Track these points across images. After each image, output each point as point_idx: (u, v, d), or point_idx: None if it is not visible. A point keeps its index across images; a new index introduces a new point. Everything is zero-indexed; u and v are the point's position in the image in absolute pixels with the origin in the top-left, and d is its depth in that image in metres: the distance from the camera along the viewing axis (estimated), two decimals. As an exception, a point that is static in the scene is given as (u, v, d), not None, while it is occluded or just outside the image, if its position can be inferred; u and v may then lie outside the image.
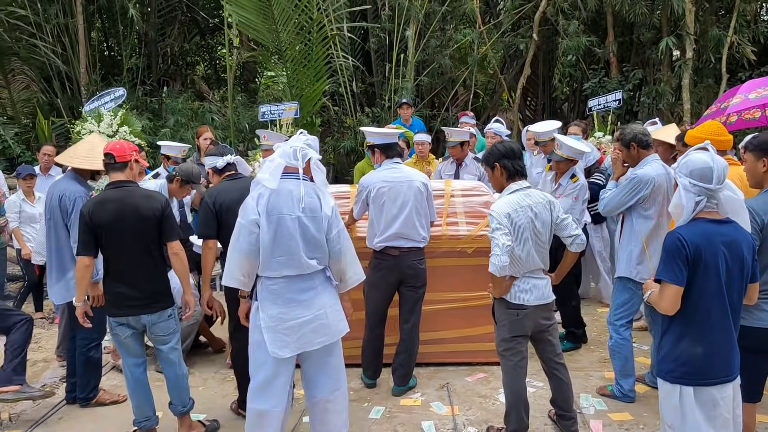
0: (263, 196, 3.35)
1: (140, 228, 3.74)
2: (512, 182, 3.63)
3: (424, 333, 4.88)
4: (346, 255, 3.50)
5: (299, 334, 3.37)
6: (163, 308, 3.84)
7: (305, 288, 3.39)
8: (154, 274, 3.82)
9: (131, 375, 3.90)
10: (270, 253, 3.33)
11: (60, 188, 4.33)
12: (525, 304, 3.58)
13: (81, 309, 3.86)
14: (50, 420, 4.35)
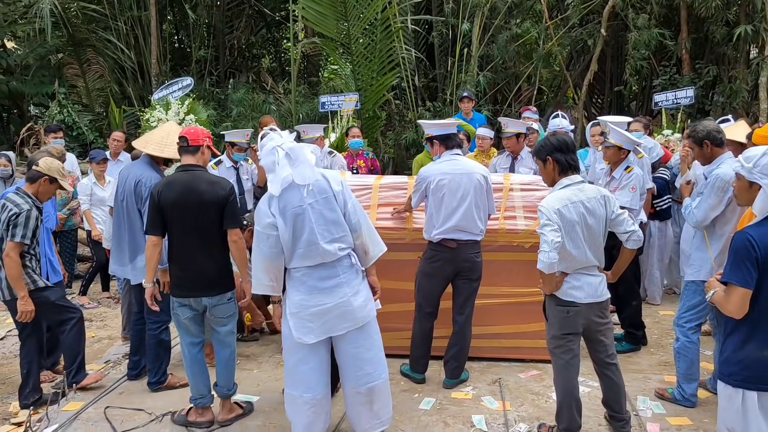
0: (273, 197, 3.45)
1: (203, 212, 3.82)
2: (564, 177, 3.54)
3: (478, 327, 4.84)
4: (364, 226, 3.56)
5: (323, 321, 3.44)
6: (223, 291, 3.93)
7: (327, 276, 3.45)
8: (216, 258, 3.90)
9: (189, 354, 4.01)
10: (292, 248, 3.43)
11: (136, 173, 4.41)
12: (576, 302, 3.49)
13: (150, 291, 3.97)
14: (111, 393, 4.53)
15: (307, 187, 3.42)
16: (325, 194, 3.45)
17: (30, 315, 4.29)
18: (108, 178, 7.07)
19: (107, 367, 5.08)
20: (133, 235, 4.42)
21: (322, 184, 3.46)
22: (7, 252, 4.19)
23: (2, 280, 4.32)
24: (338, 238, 3.44)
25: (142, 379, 4.67)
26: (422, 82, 12.00)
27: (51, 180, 4.43)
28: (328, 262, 3.43)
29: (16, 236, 4.19)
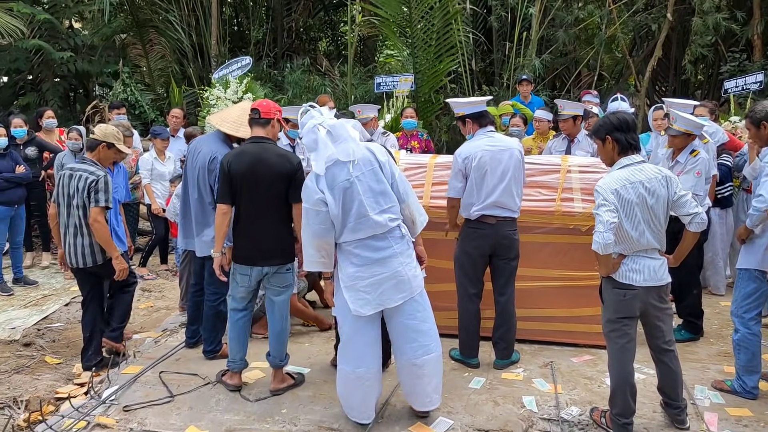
0: (320, 176, 3.47)
1: (270, 183, 3.89)
2: (624, 156, 3.45)
3: (530, 310, 4.82)
4: (411, 196, 3.59)
5: (379, 291, 3.47)
6: (284, 262, 4.01)
7: (380, 247, 3.47)
8: (280, 229, 3.98)
9: (233, 318, 4.14)
10: (342, 222, 3.46)
11: (211, 149, 4.45)
12: (634, 285, 3.40)
13: (218, 261, 4.07)
14: (169, 359, 4.68)
15: (352, 162, 3.43)
16: (371, 166, 3.46)
17: (126, 272, 4.58)
18: (168, 154, 7.26)
19: (164, 335, 5.24)
20: (203, 209, 4.49)
21: (367, 156, 3.47)
22: (94, 217, 4.37)
23: (86, 247, 4.48)
24: (387, 209, 3.46)
25: (198, 347, 4.81)
26: (479, 67, 11.86)
27: (109, 145, 4.57)
28: (379, 233, 3.45)
29: (100, 201, 4.38)
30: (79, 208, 4.43)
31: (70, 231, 4.49)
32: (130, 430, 3.67)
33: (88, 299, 4.65)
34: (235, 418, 3.81)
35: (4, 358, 4.99)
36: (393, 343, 3.63)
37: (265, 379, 4.30)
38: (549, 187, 4.86)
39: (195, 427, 3.69)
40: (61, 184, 4.51)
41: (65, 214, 4.50)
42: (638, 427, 3.61)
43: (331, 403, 3.96)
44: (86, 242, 4.48)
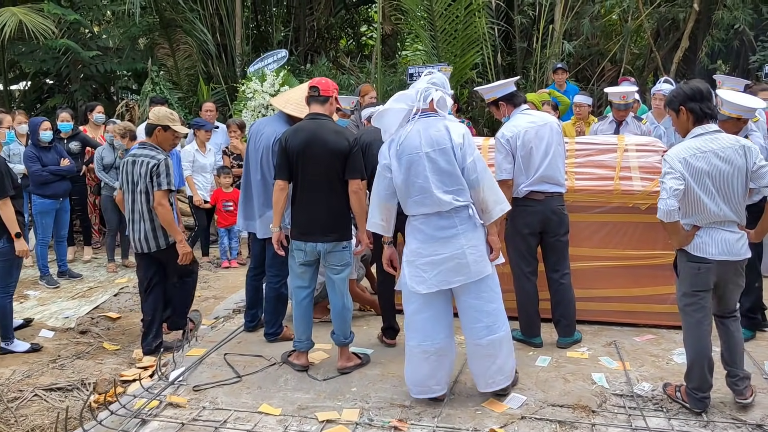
0: (394, 140, 3.49)
1: (325, 159, 3.90)
2: (698, 126, 3.39)
3: (588, 290, 4.80)
4: (483, 183, 3.46)
5: (436, 271, 3.45)
6: (340, 239, 4.00)
7: (444, 226, 3.45)
8: (334, 206, 3.97)
9: (296, 297, 4.14)
10: (405, 193, 3.47)
11: (275, 129, 4.45)
12: (707, 258, 3.34)
13: (277, 236, 4.10)
14: (230, 342, 4.69)
15: (426, 135, 3.42)
16: (443, 145, 3.41)
17: (190, 256, 4.64)
18: (208, 146, 7.29)
19: (218, 322, 5.25)
20: (266, 189, 4.48)
21: (442, 135, 3.43)
22: (158, 201, 4.43)
23: (149, 232, 4.53)
24: (453, 190, 3.42)
25: (258, 331, 4.81)
26: (506, 61, 11.84)
27: (164, 128, 4.59)
28: (444, 211, 3.43)
29: (162, 184, 4.43)
30: (142, 193, 4.49)
31: (135, 217, 4.55)
32: (202, 408, 3.66)
33: (151, 285, 4.68)
34: (306, 396, 3.80)
35: (62, 345, 5.00)
36: (461, 321, 3.61)
37: (330, 360, 4.30)
38: (606, 167, 4.84)
39: (268, 405, 3.68)
40: (124, 171, 4.56)
41: (130, 200, 4.55)
42: (715, 401, 3.57)
43: (400, 381, 3.93)
44: (149, 227, 4.52)
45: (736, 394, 3.52)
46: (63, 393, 4.13)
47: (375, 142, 4.34)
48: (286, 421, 3.50)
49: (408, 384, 3.70)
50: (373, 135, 4.39)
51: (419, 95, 3.48)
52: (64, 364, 4.58)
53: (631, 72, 13.16)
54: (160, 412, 3.62)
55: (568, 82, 8.26)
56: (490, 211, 3.53)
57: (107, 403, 3.83)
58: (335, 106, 4.13)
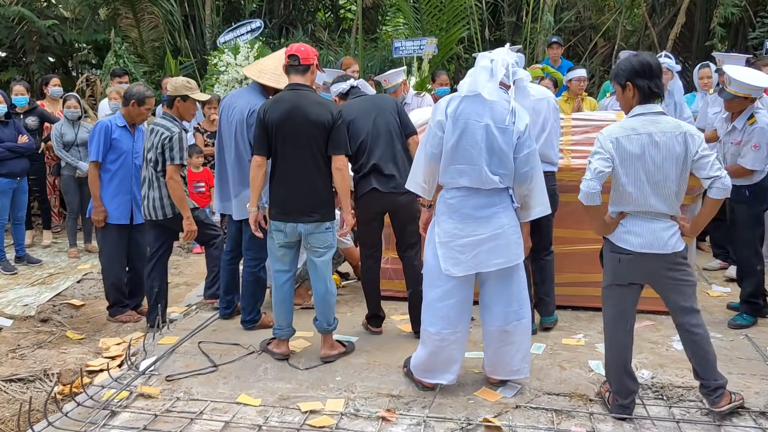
0: (455, 99, 3.43)
1: (307, 133, 3.88)
2: (642, 105, 3.27)
3: (584, 275, 4.85)
4: (534, 180, 3.48)
5: (474, 253, 3.42)
6: (323, 219, 3.98)
7: (484, 204, 3.42)
8: (317, 184, 3.95)
9: (276, 282, 4.12)
10: (450, 158, 3.41)
11: (249, 101, 4.44)
12: (628, 249, 3.26)
13: (254, 216, 4.07)
14: (205, 330, 4.66)
15: (490, 107, 3.37)
16: (505, 126, 3.38)
17: (194, 234, 4.79)
18: (182, 125, 7.21)
19: (188, 310, 5.21)
20: (241, 167, 4.45)
21: (507, 115, 3.38)
22: (170, 175, 4.60)
23: (157, 200, 4.73)
24: (500, 173, 3.40)
25: (234, 318, 4.79)
26: (494, 36, 11.83)
27: (183, 98, 4.70)
28: (485, 189, 3.41)
29: (174, 159, 4.60)
30: (151, 161, 4.68)
31: (145, 183, 4.77)
32: (176, 399, 3.62)
33: (158, 254, 4.89)
34: (288, 386, 3.78)
35: (22, 333, 4.94)
36: (484, 306, 3.60)
37: (312, 348, 4.28)
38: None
39: (246, 395, 3.65)
40: (144, 137, 4.88)
41: (143, 166, 4.82)
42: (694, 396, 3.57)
43: (387, 370, 3.94)
44: (156, 195, 4.71)
45: (709, 404, 3.38)
46: (24, 384, 4.08)
47: (360, 118, 4.35)
48: (266, 411, 3.48)
49: (414, 366, 3.70)
50: (358, 109, 4.39)
51: (508, 67, 3.44)
52: (24, 353, 4.51)
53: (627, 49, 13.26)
54: (131, 403, 3.58)
55: (562, 58, 8.28)
56: (529, 210, 3.58)
57: (73, 395, 3.77)
58: (316, 75, 4.10)
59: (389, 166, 4.27)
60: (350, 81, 4.69)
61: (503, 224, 3.43)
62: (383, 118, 4.37)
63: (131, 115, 5.03)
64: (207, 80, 9.06)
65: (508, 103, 3.41)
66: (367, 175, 4.29)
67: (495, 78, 3.41)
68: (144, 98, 4.97)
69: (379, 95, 5.06)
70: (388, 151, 4.30)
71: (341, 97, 4.66)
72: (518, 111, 3.42)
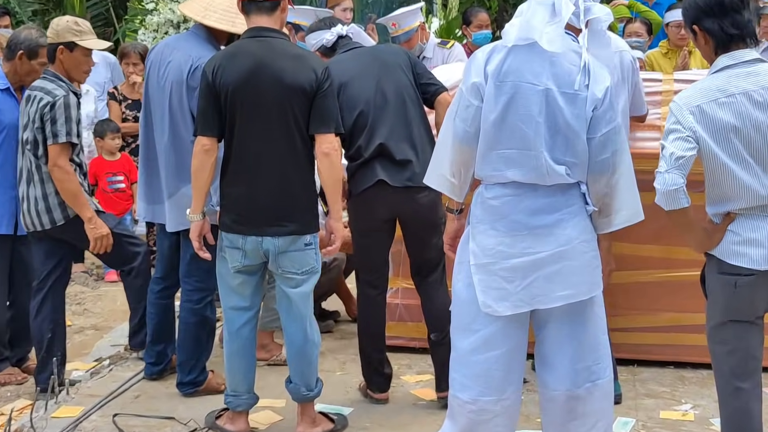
0: (498, 51, 3.31)
1: (279, 102, 3.86)
2: (724, 54, 3.28)
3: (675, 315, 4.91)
4: (619, 171, 3.35)
5: (528, 281, 3.32)
6: (300, 232, 3.94)
7: (544, 208, 3.31)
8: (293, 177, 3.94)
9: (229, 326, 4.13)
10: (493, 139, 3.29)
11: (191, 54, 4.40)
12: (746, 267, 3.21)
13: (197, 228, 4.01)
14: (124, 396, 4.65)
15: (553, 62, 3.26)
16: (575, 91, 3.26)
17: (107, 241, 4.62)
18: (85, 87, 7.17)
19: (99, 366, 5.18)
20: (179, 153, 4.42)
21: (576, 75, 3.27)
22: (54, 160, 4.49)
23: (40, 200, 4.60)
24: (567, 161, 3.29)
25: (167, 378, 4.79)
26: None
27: (69, 46, 4.61)
28: (545, 185, 3.31)
29: (59, 135, 4.46)
30: (28, 144, 4.59)
31: (23, 177, 4.66)
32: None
33: (48, 283, 4.73)
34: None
35: None
36: (543, 361, 3.53)
37: (284, 425, 4.27)
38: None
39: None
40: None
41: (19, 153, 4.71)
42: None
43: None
44: (39, 193, 4.60)
45: None
46: None
47: (356, 80, 4.35)
48: None
49: None
50: (353, 68, 4.40)
51: (577, 2, 3.31)
52: None
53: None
54: None
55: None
56: (610, 215, 3.43)
57: None
58: (287, 15, 4.12)
59: (402, 147, 4.25)
60: (338, 27, 4.64)
61: (571, 238, 3.32)
62: (391, 78, 4.35)
63: (18, 72, 4.96)
64: (128, 24, 9.07)
65: (578, 55, 3.30)
66: (370, 162, 4.27)
67: (559, 18, 3.27)
68: (36, 48, 4.88)
69: (383, 45, 5.02)
70: (399, 125, 4.28)
71: (324, 52, 4.64)
72: (594, 68, 3.30)
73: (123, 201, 6.93)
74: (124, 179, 7.00)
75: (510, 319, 3.35)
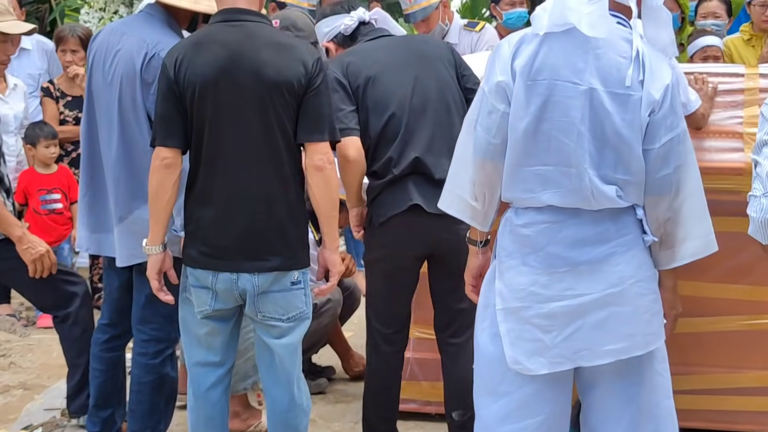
0: (529, 41, 3.31)
1: (262, 102, 3.88)
2: None
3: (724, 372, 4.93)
4: (684, 192, 3.36)
5: (569, 331, 3.32)
6: (286, 267, 3.97)
7: (589, 238, 3.31)
8: (277, 197, 3.96)
9: (198, 388, 4.15)
10: (523, 153, 3.30)
11: (146, 39, 4.41)
12: None
13: (157, 260, 4.04)
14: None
15: (597, 53, 3.26)
16: (625, 90, 3.25)
17: (48, 261, 4.72)
18: (12, 81, 7.32)
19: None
20: (131, 165, 4.44)
21: (626, 71, 3.24)
22: None
23: None
24: (619, 179, 3.28)
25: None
26: None
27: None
28: (591, 210, 3.31)
29: None
30: None
31: None
32: None
33: None
34: None
35: None
36: (590, 428, 3.57)
37: None
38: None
39: None
40: None
41: None
42: None
43: None
44: None
45: None
46: None
47: (386, 73, 4.42)
48: None
49: None
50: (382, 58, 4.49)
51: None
52: None
53: None
54: None
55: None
56: (674, 246, 3.43)
57: None
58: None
59: (444, 164, 4.10)
60: (360, 11, 4.68)
61: (624, 276, 3.32)
62: (432, 73, 4.45)
63: None
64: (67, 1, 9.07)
65: (629, 44, 3.29)
66: (401, 180, 4.37)
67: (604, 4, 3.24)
68: None
69: (419, 36, 5.04)
70: (441, 135, 4.36)
71: (341, 42, 4.72)
72: (650, 60, 3.30)
73: (59, 225, 6.96)
74: (62, 197, 7.01)
75: (547, 379, 3.36)
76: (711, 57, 6.20)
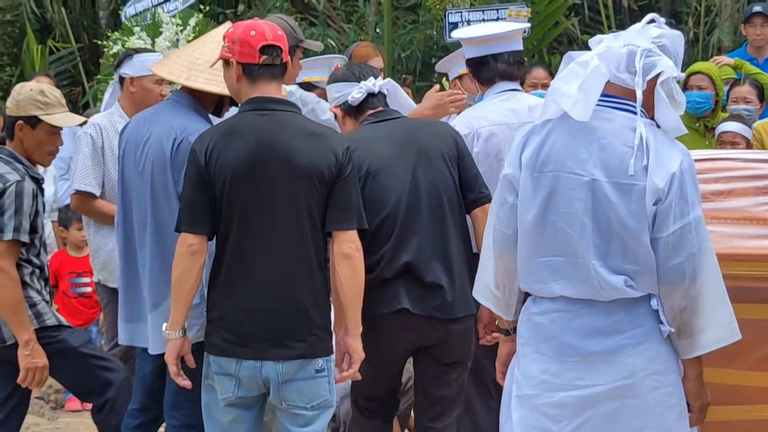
0: (538, 131, 3.38)
1: (294, 191, 3.91)
2: None
3: None
4: (701, 280, 3.29)
5: (578, 421, 3.35)
6: (311, 355, 3.97)
7: (601, 328, 3.33)
8: (304, 284, 3.96)
9: None
10: (533, 244, 3.37)
11: (173, 125, 4.35)
12: None
13: (176, 347, 4.01)
14: None
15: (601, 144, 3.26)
16: (628, 180, 3.25)
17: (41, 376, 4.65)
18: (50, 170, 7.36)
19: None
20: (166, 252, 4.34)
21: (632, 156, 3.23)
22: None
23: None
24: (628, 269, 3.28)
25: None
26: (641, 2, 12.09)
27: (31, 122, 4.70)
28: (602, 301, 3.33)
29: (4, 231, 4.53)
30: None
31: None
32: None
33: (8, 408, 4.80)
34: None
35: None
36: None
37: None
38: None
39: None
40: None
41: None
42: None
43: None
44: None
45: None
46: None
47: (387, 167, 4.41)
48: None
49: None
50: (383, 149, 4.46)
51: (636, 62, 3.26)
52: None
53: None
54: None
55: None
56: (692, 336, 3.36)
57: None
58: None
59: (434, 267, 4.30)
60: (369, 82, 4.64)
61: (636, 369, 3.31)
62: (429, 170, 4.44)
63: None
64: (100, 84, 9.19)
65: (632, 131, 3.28)
66: (391, 282, 4.35)
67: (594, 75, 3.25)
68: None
69: (425, 121, 5.00)
70: (433, 237, 4.38)
71: (347, 110, 4.69)
72: (657, 146, 3.27)
73: (87, 309, 7.00)
74: (91, 282, 6.97)
75: None
76: (728, 143, 6.25)
